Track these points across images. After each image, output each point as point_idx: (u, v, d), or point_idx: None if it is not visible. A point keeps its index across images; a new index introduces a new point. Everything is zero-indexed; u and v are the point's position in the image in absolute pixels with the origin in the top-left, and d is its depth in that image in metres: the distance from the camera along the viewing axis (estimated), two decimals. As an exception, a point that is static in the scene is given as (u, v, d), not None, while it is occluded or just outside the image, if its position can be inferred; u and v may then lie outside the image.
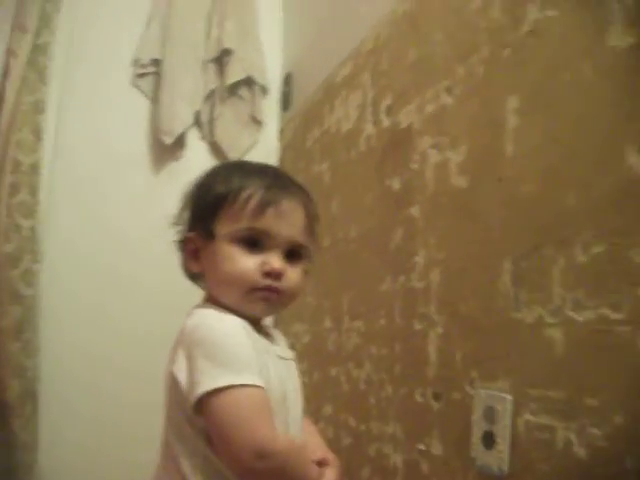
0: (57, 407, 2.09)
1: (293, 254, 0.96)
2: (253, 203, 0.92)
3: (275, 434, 0.85)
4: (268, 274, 0.92)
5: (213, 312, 0.92)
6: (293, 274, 0.96)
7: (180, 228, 1.03)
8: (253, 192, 0.93)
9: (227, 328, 0.89)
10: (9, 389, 1.88)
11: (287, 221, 0.95)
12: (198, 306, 0.98)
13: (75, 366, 2.13)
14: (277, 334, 1.06)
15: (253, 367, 0.86)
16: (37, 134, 2.02)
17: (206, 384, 0.82)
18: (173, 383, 0.87)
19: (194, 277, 1.03)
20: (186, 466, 0.86)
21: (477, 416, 1.06)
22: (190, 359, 0.85)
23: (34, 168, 2.00)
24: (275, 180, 0.98)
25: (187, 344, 0.87)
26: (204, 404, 0.82)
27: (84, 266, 2.21)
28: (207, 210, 0.96)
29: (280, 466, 0.85)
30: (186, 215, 1.02)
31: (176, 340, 0.92)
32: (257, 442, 0.81)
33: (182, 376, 0.85)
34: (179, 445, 0.88)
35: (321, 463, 0.97)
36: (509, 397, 0.98)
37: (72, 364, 2.13)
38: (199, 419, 0.85)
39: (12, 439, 1.90)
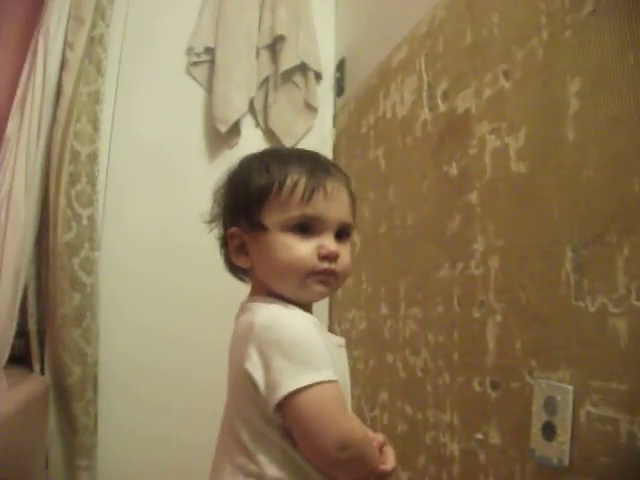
0: (116, 391, 2.14)
1: (340, 234, 0.97)
2: (300, 190, 0.92)
3: (353, 424, 0.88)
4: (325, 257, 0.93)
5: (279, 308, 0.92)
6: (345, 253, 0.97)
7: (215, 225, 1.04)
8: (298, 178, 0.93)
9: (300, 325, 0.89)
10: (71, 374, 1.93)
11: (335, 203, 0.95)
12: (253, 300, 0.98)
13: (133, 352, 2.18)
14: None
15: (327, 362, 0.87)
16: (95, 124, 2.05)
17: (288, 384, 0.83)
18: (247, 381, 0.87)
19: (238, 272, 1.05)
20: (262, 460, 0.87)
21: (537, 406, 1.04)
22: (266, 358, 0.85)
23: (92, 158, 2.03)
24: (315, 164, 0.98)
25: (259, 343, 0.87)
26: (285, 402, 0.83)
27: (141, 253, 2.24)
28: (251, 202, 0.95)
29: (360, 453, 0.87)
30: (222, 211, 1.03)
31: (242, 336, 0.91)
32: (340, 434, 0.83)
33: (258, 375, 0.85)
34: (253, 439, 0.88)
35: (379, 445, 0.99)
36: (570, 388, 0.97)
37: (130, 350, 2.18)
38: (277, 415, 0.86)
39: (74, 422, 1.95)
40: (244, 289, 1.05)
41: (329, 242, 0.94)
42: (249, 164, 1.02)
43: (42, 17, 2.02)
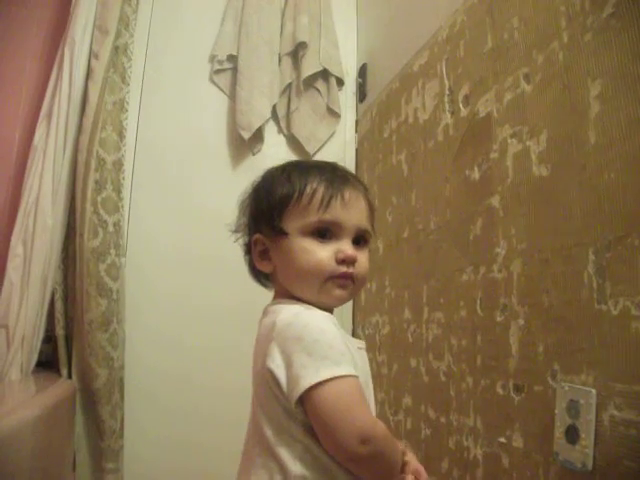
0: (140, 395, 2.17)
1: (359, 240, 1.00)
2: (319, 197, 0.97)
3: (374, 419, 0.89)
4: (343, 261, 0.96)
5: (300, 308, 0.95)
6: (363, 258, 1.00)
7: (241, 234, 1.08)
8: (317, 186, 0.98)
9: (321, 323, 0.91)
10: (97, 378, 1.95)
11: (352, 210, 0.99)
12: (276, 303, 1.01)
13: (157, 356, 2.21)
14: None
15: (347, 357, 0.89)
16: (120, 132, 2.08)
17: (309, 378, 0.85)
18: (270, 378, 0.89)
19: (260, 277, 1.08)
20: (285, 456, 0.88)
21: (560, 410, 1.04)
22: (288, 355, 0.88)
23: (117, 165, 2.06)
24: (334, 173, 1.01)
25: (282, 340, 0.89)
26: (307, 396, 0.85)
27: (165, 259, 2.27)
28: (273, 210, 1.00)
29: (380, 450, 0.87)
30: (246, 220, 1.07)
31: (265, 337, 0.94)
32: (360, 428, 0.84)
33: (280, 372, 0.88)
34: (277, 437, 0.90)
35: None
36: (593, 391, 0.96)
37: (154, 354, 2.21)
38: (299, 411, 0.87)
39: (101, 426, 1.97)
40: (265, 295, 1.07)
41: (347, 247, 0.97)
42: (272, 175, 1.06)
43: (67, 28, 2.05)
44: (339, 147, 2.45)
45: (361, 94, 2.46)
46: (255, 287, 1.11)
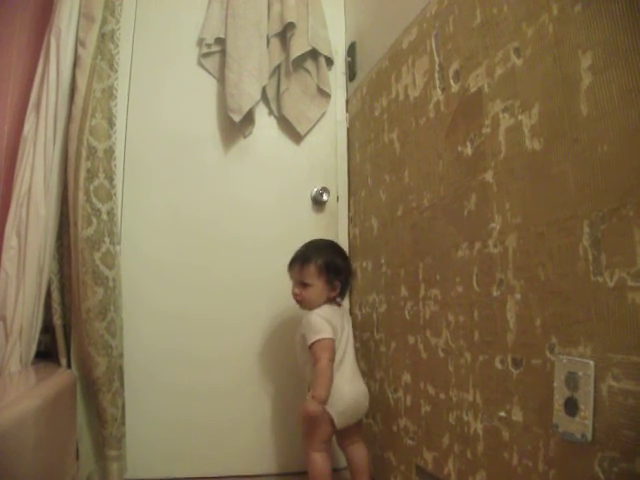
0: (140, 383, 2.18)
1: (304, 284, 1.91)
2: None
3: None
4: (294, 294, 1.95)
5: None
6: (304, 292, 1.90)
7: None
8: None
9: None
10: (97, 367, 1.95)
11: (291, 271, 1.97)
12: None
13: (155, 342, 2.23)
14: None
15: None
16: (110, 120, 2.06)
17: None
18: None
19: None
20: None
21: (559, 382, 1.04)
22: None
23: (109, 153, 2.04)
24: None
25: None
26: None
27: (159, 246, 2.27)
28: None
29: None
30: None
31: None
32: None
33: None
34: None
35: None
36: (591, 362, 0.97)
37: (152, 340, 2.22)
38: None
39: (102, 414, 1.98)
40: (262, 275, 1.07)
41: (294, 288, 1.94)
42: None
43: (52, 17, 2.03)
44: (330, 127, 2.44)
45: (351, 73, 2.45)
46: (252, 266, 1.11)
